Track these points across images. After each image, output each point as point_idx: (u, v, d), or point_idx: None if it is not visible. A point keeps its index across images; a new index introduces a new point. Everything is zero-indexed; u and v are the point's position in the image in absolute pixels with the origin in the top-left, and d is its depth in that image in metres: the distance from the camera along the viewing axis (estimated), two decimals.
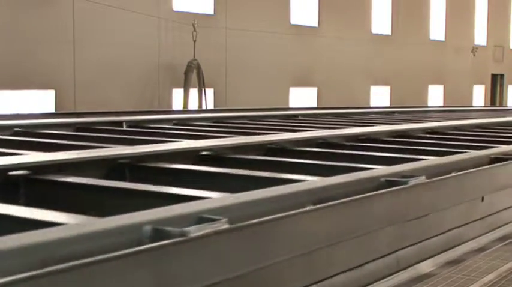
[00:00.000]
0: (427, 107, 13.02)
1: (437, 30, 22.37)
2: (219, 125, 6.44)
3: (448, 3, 22.82)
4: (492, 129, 6.33)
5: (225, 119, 7.12)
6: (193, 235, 1.71)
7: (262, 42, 15.68)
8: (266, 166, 3.57)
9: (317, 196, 2.34)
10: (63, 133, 5.19)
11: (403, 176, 2.75)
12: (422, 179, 2.77)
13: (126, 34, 12.83)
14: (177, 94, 14.05)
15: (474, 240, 3.16)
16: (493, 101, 25.52)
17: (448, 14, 22.76)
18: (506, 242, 3.15)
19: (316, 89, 17.76)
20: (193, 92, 14.01)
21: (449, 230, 3.04)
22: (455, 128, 6.21)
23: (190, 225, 1.77)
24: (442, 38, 22.61)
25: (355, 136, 4.96)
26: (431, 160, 3.41)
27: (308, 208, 2.20)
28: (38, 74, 11.49)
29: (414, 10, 21.15)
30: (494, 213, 3.49)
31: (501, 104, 25.23)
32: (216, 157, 3.80)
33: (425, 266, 2.70)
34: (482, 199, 3.35)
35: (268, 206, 2.16)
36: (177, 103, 14.03)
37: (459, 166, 3.33)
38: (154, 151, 3.53)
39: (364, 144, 4.68)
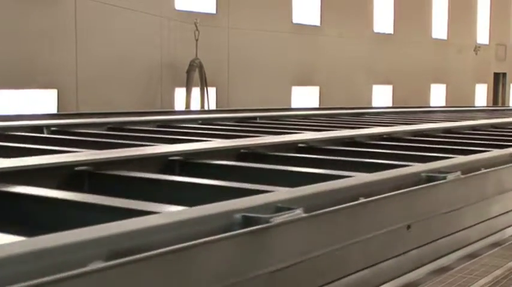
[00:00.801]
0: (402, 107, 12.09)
1: (439, 29, 22.36)
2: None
3: (450, 2, 22.81)
4: (463, 134, 5.88)
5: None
6: None
7: (265, 41, 15.70)
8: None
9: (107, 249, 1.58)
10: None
11: (278, 210, 1.98)
12: (297, 214, 2.00)
13: (128, 33, 12.86)
14: (180, 93, 14.07)
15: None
16: (495, 100, 25.49)
17: (450, 12, 22.74)
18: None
19: (319, 88, 17.77)
20: (196, 91, 14.02)
21: (341, 277, 2.26)
22: (421, 133, 5.68)
23: None
24: (444, 37, 22.60)
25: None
26: (315, 186, 2.44)
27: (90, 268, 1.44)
28: (40, 73, 11.52)
29: (416, 9, 21.14)
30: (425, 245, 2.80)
31: (503, 103, 25.21)
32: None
33: None
34: (408, 227, 2.70)
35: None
36: (179, 102, 14.06)
37: (358, 192, 2.49)
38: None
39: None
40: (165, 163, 3.42)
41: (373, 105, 18.60)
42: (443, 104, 21.56)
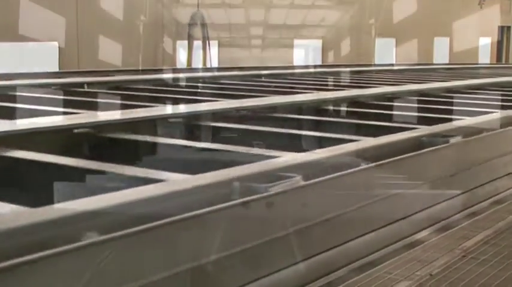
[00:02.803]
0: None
1: None
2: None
3: None
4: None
5: None
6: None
7: None
8: None
9: None
10: None
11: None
12: None
13: None
14: (181, 47, 13.95)
15: None
16: (499, 55, 25.28)
17: None
18: None
19: (321, 41, 17.61)
20: (198, 45, 13.91)
21: None
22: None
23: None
24: None
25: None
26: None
27: None
28: (40, 26, 11.39)
29: None
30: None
31: (507, 59, 25.01)
32: None
33: None
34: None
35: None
36: (181, 56, 13.97)
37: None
38: None
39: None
40: (69, 137, 2.96)
41: (376, 59, 18.53)
42: (447, 58, 21.44)
